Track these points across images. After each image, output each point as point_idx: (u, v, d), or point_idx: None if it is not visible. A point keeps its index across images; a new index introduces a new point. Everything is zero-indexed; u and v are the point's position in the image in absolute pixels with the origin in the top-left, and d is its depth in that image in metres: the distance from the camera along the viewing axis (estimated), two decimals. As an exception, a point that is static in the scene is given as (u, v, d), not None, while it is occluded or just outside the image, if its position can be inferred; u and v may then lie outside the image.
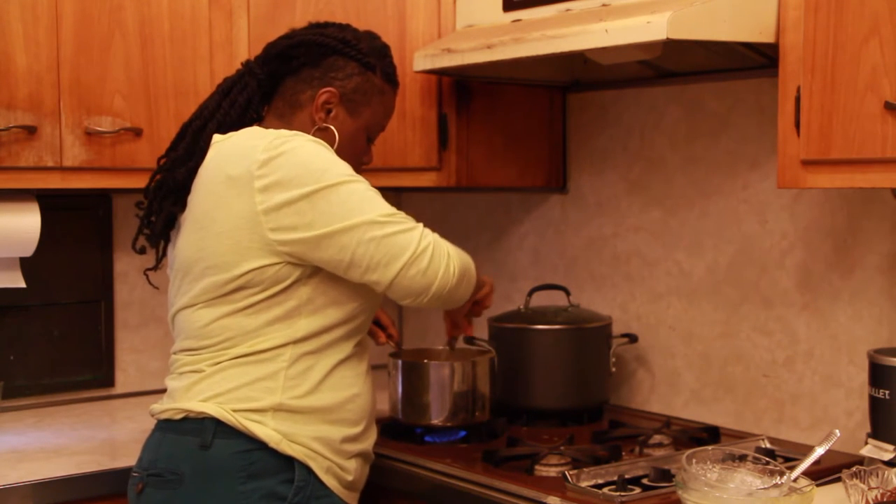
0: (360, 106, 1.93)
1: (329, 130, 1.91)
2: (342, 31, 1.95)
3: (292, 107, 1.92)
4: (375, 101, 1.95)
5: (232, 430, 1.75)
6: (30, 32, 2.20)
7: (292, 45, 1.92)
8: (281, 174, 1.73)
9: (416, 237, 1.75)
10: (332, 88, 1.90)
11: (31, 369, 2.60)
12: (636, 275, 2.58)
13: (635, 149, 2.58)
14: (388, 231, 1.74)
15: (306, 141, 1.78)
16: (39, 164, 2.22)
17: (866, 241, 2.14)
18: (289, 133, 1.78)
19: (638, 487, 1.87)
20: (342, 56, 1.91)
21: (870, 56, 1.70)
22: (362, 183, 1.77)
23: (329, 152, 1.79)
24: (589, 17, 1.99)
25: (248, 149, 1.77)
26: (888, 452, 1.87)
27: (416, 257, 1.74)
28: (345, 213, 1.73)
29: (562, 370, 2.45)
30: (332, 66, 1.91)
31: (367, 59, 1.93)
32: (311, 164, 1.74)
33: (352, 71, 1.92)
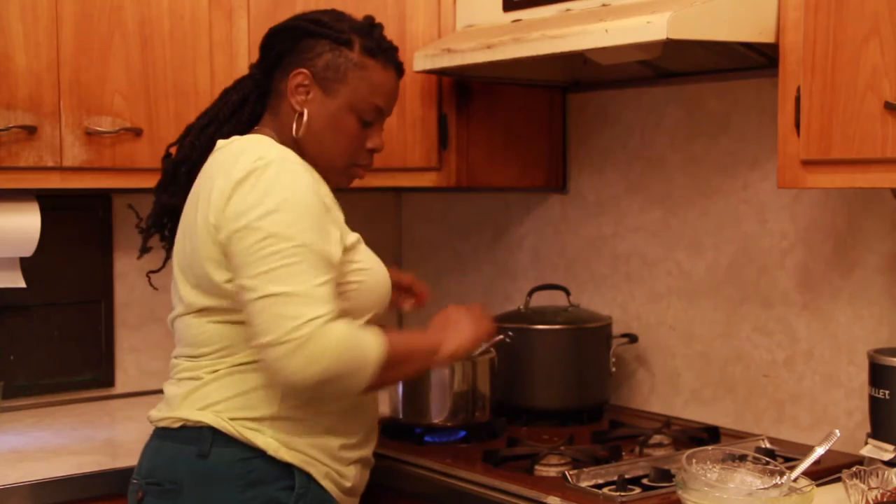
0: (335, 83, 1.82)
1: (316, 119, 1.83)
2: (322, 14, 1.89)
3: (277, 98, 1.86)
4: (353, 76, 1.82)
5: (230, 439, 1.72)
6: (30, 32, 2.19)
7: (268, 35, 1.89)
8: (242, 198, 1.67)
9: (293, 324, 1.60)
10: (303, 69, 1.82)
11: (31, 369, 2.60)
12: (636, 275, 2.58)
13: (635, 149, 2.58)
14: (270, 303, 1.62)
15: (281, 171, 1.69)
16: (39, 164, 2.22)
17: (866, 241, 2.14)
18: (271, 156, 1.70)
19: (638, 487, 1.87)
20: (313, 36, 1.83)
21: (870, 56, 1.70)
22: (302, 248, 1.65)
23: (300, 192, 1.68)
24: (589, 17, 1.99)
25: (230, 163, 1.72)
26: (888, 452, 1.87)
27: (279, 343, 1.61)
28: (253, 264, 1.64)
29: (562, 370, 2.45)
30: (305, 47, 1.83)
31: (340, 35, 1.83)
32: (268, 198, 1.66)
33: (322, 48, 1.82)
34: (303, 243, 1.64)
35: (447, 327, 1.89)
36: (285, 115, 1.84)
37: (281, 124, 1.85)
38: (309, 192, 1.68)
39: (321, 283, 1.64)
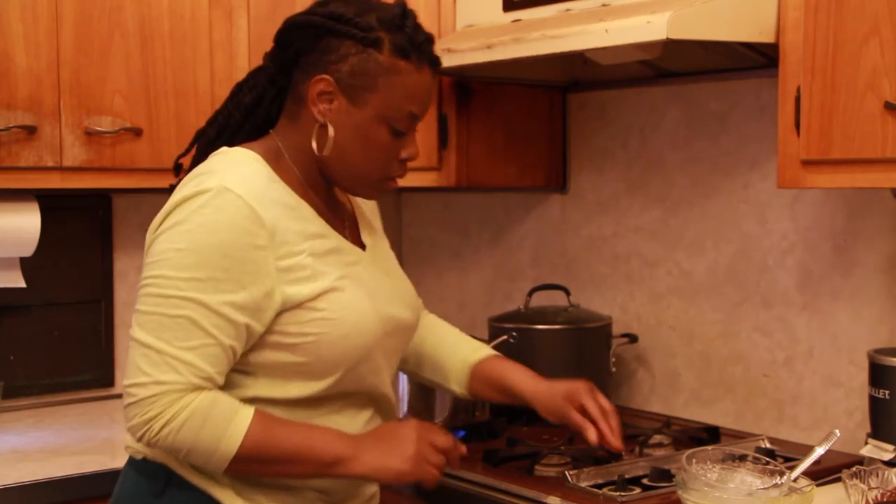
0: (363, 92, 1.56)
1: (343, 131, 1.58)
2: (342, 5, 1.60)
3: (297, 102, 1.61)
4: (384, 82, 1.56)
5: (185, 482, 1.55)
6: (30, 32, 2.20)
7: (283, 30, 1.63)
8: (163, 227, 1.50)
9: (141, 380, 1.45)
10: (326, 75, 1.56)
11: (31, 369, 2.60)
12: (636, 275, 2.58)
13: (635, 148, 2.58)
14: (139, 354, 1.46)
15: (206, 205, 1.46)
16: (39, 164, 2.22)
17: (866, 241, 2.14)
18: (209, 184, 1.48)
19: (638, 487, 1.87)
20: (336, 35, 1.56)
21: (870, 56, 1.70)
22: (188, 301, 1.45)
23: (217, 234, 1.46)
24: (589, 17, 1.99)
25: (181, 186, 1.54)
26: (888, 452, 1.87)
27: (126, 391, 1.47)
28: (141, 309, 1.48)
29: (562, 370, 2.44)
30: (326, 48, 1.56)
31: (367, 33, 1.55)
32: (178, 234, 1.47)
33: (347, 50, 1.55)
34: (190, 297, 1.43)
35: (383, 442, 1.57)
36: (305, 122, 1.60)
37: (298, 132, 1.61)
38: (229, 235, 1.45)
39: (195, 346, 1.43)
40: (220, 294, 1.45)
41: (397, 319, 1.66)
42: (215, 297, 1.44)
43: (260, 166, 1.55)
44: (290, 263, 1.50)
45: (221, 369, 1.47)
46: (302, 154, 1.61)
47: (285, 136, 1.63)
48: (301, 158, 1.61)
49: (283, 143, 1.62)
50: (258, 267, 1.47)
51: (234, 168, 1.53)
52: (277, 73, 1.64)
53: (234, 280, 1.45)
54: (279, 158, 1.60)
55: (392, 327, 1.64)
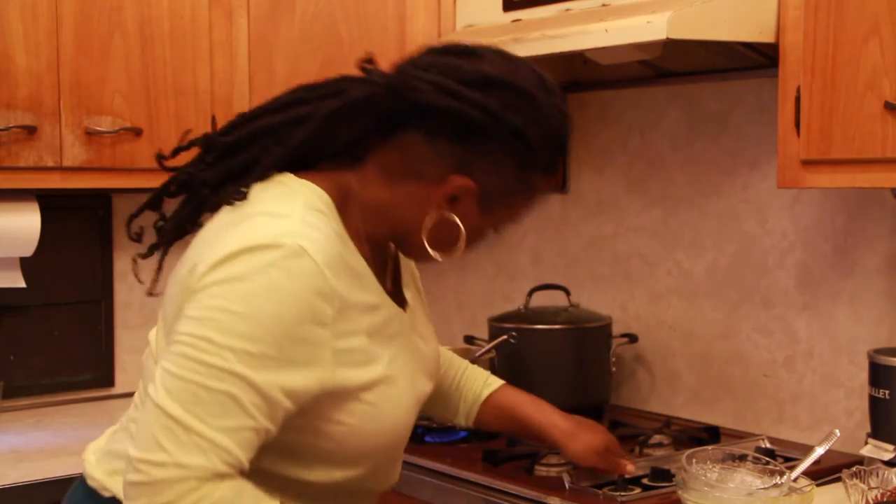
0: (499, 206, 1.37)
1: (449, 225, 1.34)
2: (509, 98, 1.32)
3: (408, 171, 1.33)
4: (521, 201, 1.40)
5: None
6: (30, 32, 2.20)
7: (437, 105, 1.29)
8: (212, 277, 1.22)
9: (157, 458, 1.18)
10: (471, 182, 1.32)
11: (31, 369, 2.60)
12: (636, 275, 2.58)
13: (635, 148, 2.58)
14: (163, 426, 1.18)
15: (279, 266, 1.21)
16: (39, 164, 2.22)
17: (866, 241, 2.14)
18: (284, 240, 1.22)
19: (638, 487, 1.87)
20: (497, 144, 1.32)
21: (870, 56, 1.70)
22: (233, 377, 1.19)
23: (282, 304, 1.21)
24: (589, 17, 1.99)
25: (231, 228, 1.27)
26: (888, 452, 1.87)
27: (133, 465, 1.19)
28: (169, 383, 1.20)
29: (562, 370, 2.44)
30: (481, 150, 1.31)
31: (534, 154, 1.34)
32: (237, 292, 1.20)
33: (507, 166, 1.33)
34: (237, 371, 1.18)
35: None
36: (407, 196, 1.34)
37: (391, 192, 1.35)
38: (296, 308, 1.21)
39: (231, 428, 1.19)
40: (270, 373, 1.20)
41: (425, 395, 1.48)
42: (264, 376, 1.20)
43: (333, 220, 1.30)
44: (348, 345, 1.28)
45: (252, 454, 1.22)
46: (380, 214, 1.35)
47: (368, 185, 1.35)
48: (375, 217, 1.35)
49: (360, 190, 1.35)
50: (316, 348, 1.24)
51: (311, 218, 1.27)
52: (391, 116, 1.33)
53: (287, 359, 1.21)
54: (347, 202, 1.34)
55: (420, 406, 1.47)
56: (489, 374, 1.82)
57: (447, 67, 1.31)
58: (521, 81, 1.34)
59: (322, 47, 2.41)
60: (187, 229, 1.38)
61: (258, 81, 2.44)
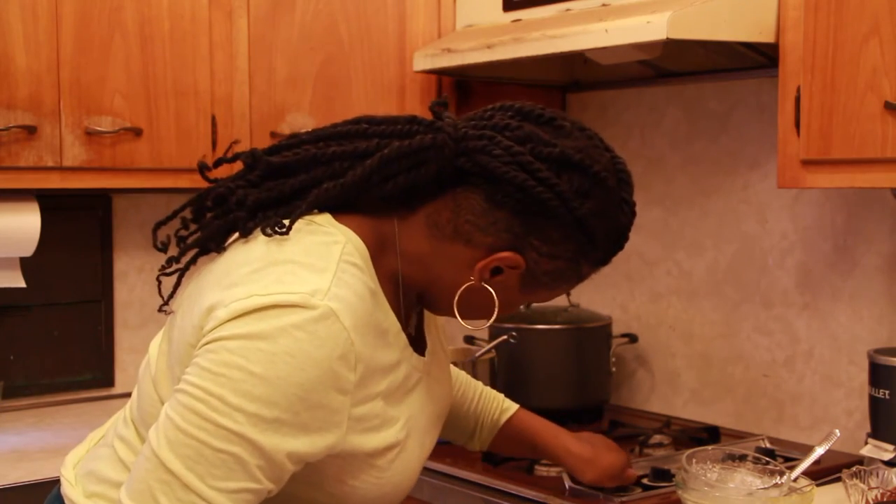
0: (541, 287, 1.29)
1: (484, 292, 1.26)
2: (585, 186, 1.24)
3: (458, 232, 1.24)
4: (565, 287, 1.31)
5: None
6: (30, 32, 2.20)
7: (507, 175, 1.20)
8: (228, 331, 1.13)
9: None
10: (521, 259, 1.23)
11: (31, 369, 2.60)
12: (636, 275, 2.58)
13: (635, 148, 2.58)
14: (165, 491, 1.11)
15: (306, 330, 1.12)
16: (39, 164, 2.22)
17: (866, 241, 2.14)
18: (316, 302, 1.13)
19: (638, 487, 1.87)
20: (560, 227, 1.23)
21: (870, 56, 1.70)
22: (241, 439, 1.11)
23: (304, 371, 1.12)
24: (589, 17, 1.99)
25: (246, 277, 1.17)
26: (888, 452, 1.87)
27: None
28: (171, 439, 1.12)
29: (562, 370, 2.44)
30: (540, 230, 1.23)
31: (594, 246, 1.27)
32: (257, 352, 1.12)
33: (563, 253, 1.25)
34: (247, 435, 1.11)
35: None
36: (447, 257, 1.25)
37: (432, 249, 1.26)
38: (318, 374, 1.13)
39: (232, 490, 1.12)
40: (281, 438, 1.13)
41: (431, 448, 1.40)
42: (274, 441, 1.12)
43: (368, 274, 1.21)
44: (364, 411, 1.20)
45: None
46: (417, 265, 1.27)
47: (412, 236, 1.26)
48: (412, 266, 1.27)
49: (402, 239, 1.26)
50: (333, 415, 1.16)
51: (346, 276, 1.17)
52: (453, 171, 1.24)
53: (300, 425, 1.14)
54: (384, 250, 1.25)
55: (424, 461, 1.38)
56: (503, 397, 1.77)
57: (525, 136, 1.23)
58: (598, 167, 1.28)
59: (322, 47, 2.41)
60: (210, 248, 1.28)
61: (258, 81, 2.44)
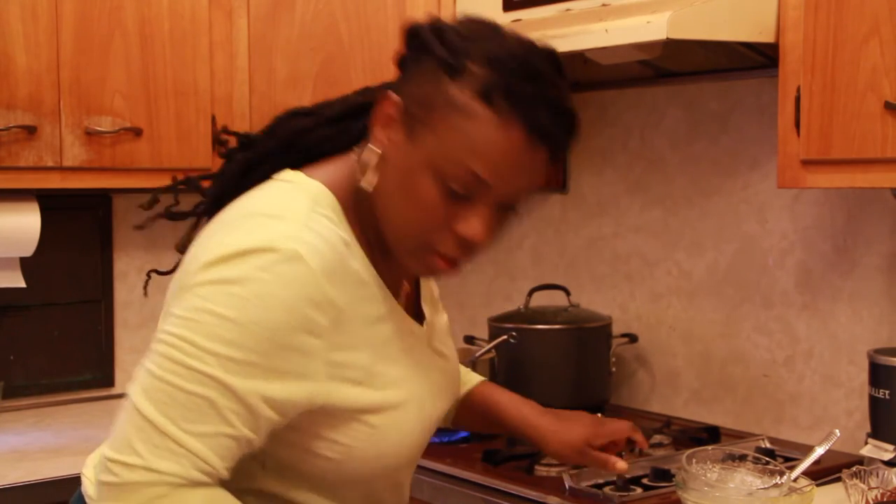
0: (420, 126, 1.19)
1: (390, 174, 1.22)
2: (466, 23, 1.24)
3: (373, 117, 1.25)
4: (445, 123, 1.18)
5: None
6: (30, 32, 2.20)
7: (405, 32, 1.27)
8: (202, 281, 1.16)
9: (126, 459, 1.12)
10: (396, 95, 1.22)
11: (31, 369, 2.60)
12: (636, 275, 2.58)
13: (635, 149, 2.58)
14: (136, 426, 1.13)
15: (270, 272, 1.14)
16: (39, 164, 2.22)
17: (866, 241, 2.14)
18: (280, 244, 1.15)
19: (638, 487, 1.87)
20: (425, 50, 1.21)
21: (870, 56, 1.70)
22: (212, 381, 1.12)
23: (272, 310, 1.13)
24: (589, 17, 1.99)
25: (226, 228, 1.21)
26: (888, 452, 1.87)
27: (102, 463, 1.15)
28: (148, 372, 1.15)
29: (562, 370, 2.45)
30: (413, 62, 1.23)
31: (454, 58, 1.18)
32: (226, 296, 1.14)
33: (424, 71, 1.20)
34: (217, 376, 1.12)
35: None
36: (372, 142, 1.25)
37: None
38: (286, 316, 1.14)
39: (206, 434, 1.12)
40: (253, 381, 1.14)
41: (438, 416, 1.38)
42: (245, 384, 1.13)
43: (341, 225, 1.22)
44: (344, 359, 1.20)
45: (230, 463, 1.16)
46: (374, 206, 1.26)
47: (352, 165, 1.28)
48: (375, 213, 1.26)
49: (327, 183, 1.27)
50: (307, 359, 1.17)
51: (312, 222, 1.19)
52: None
53: (272, 368, 1.15)
54: (356, 204, 1.26)
55: (431, 429, 1.36)
56: (467, 370, 1.67)
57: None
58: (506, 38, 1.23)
59: (322, 47, 2.41)
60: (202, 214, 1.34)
61: (258, 81, 2.45)
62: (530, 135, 1.20)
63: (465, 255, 1.22)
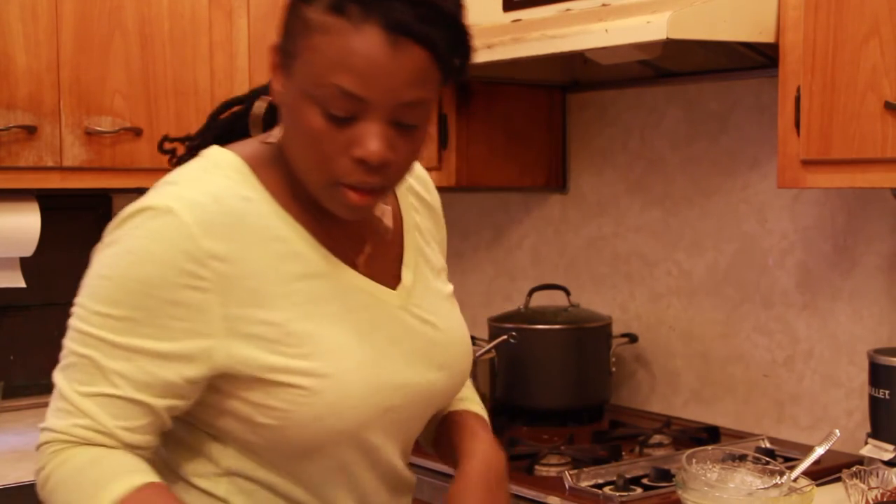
0: (290, 59, 1.16)
1: (286, 118, 1.20)
2: None
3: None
4: (305, 45, 1.14)
5: None
6: (30, 32, 2.20)
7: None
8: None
9: (42, 424, 1.19)
10: (277, 41, 1.21)
11: (31, 369, 2.60)
12: (636, 275, 2.58)
13: (635, 149, 2.58)
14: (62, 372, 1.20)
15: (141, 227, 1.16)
16: (39, 164, 2.22)
17: (866, 241, 2.14)
18: (155, 202, 1.17)
19: (638, 487, 1.87)
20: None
21: (870, 56, 1.70)
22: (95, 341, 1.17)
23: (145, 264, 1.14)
24: (589, 17, 1.99)
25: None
26: (888, 452, 1.87)
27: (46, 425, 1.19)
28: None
29: (562, 370, 2.44)
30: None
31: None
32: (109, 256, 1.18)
33: (287, 7, 1.20)
34: (99, 335, 1.16)
35: None
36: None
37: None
38: (158, 270, 1.13)
39: (94, 394, 1.15)
40: (136, 339, 1.14)
41: (414, 386, 1.28)
42: (128, 341, 1.14)
43: (241, 179, 1.21)
44: (248, 314, 1.16)
45: (133, 424, 1.15)
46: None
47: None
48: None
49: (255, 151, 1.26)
50: (196, 314, 1.14)
51: (202, 179, 1.20)
52: None
53: (158, 325, 1.14)
54: (275, 164, 1.23)
55: (403, 398, 1.26)
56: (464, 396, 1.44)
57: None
58: None
59: (322, 47, 2.41)
60: None
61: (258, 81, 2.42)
62: (389, 32, 1.10)
63: (371, 179, 1.15)
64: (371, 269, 1.28)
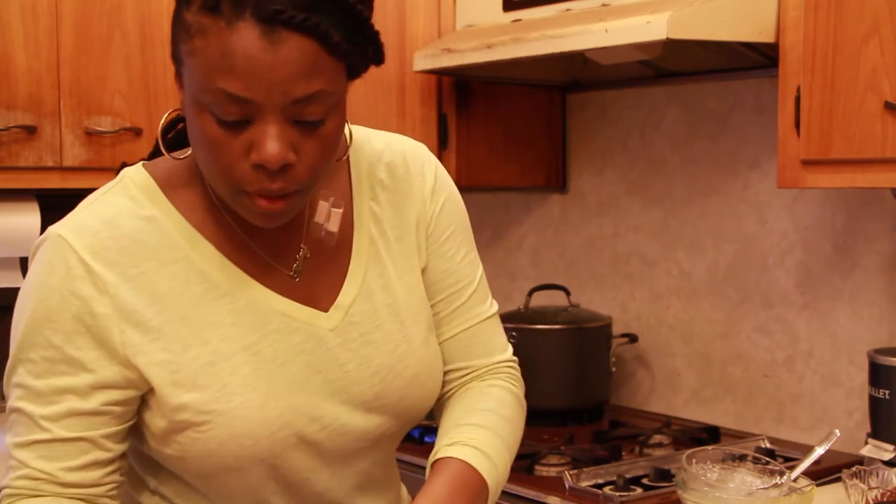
0: (180, 66, 1.09)
1: (191, 125, 1.10)
2: None
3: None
4: (188, 55, 1.05)
5: None
6: (30, 32, 2.19)
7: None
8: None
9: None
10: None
11: (31, 369, 2.60)
12: (636, 275, 2.58)
13: (635, 149, 2.58)
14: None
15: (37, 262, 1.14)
16: (39, 164, 2.22)
17: (866, 241, 2.14)
18: (51, 231, 1.16)
19: (638, 487, 1.87)
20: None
21: (870, 56, 1.70)
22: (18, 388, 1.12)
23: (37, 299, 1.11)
24: (589, 17, 1.99)
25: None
26: (888, 452, 1.87)
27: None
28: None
29: (562, 370, 2.45)
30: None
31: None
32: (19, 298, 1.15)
33: (173, 12, 1.09)
34: (20, 382, 1.12)
35: None
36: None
37: None
38: (59, 302, 1.10)
39: (26, 444, 1.12)
40: (55, 378, 1.10)
41: (336, 423, 1.19)
42: (49, 383, 1.10)
43: (145, 199, 1.16)
44: (147, 346, 1.11)
45: (73, 464, 1.11)
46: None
47: None
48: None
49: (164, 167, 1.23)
50: (101, 343, 1.10)
51: (101, 202, 1.17)
52: None
53: (71, 359, 1.10)
54: (193, 179, 1.18)
55: (323, 432, 1.18)
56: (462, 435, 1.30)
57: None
58: None
59: (322, 47, 2.41)
60: None
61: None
62: (263, 25, 1.00)
63: (274, 185, 1.06)
64: (305, 284, 1.19)
